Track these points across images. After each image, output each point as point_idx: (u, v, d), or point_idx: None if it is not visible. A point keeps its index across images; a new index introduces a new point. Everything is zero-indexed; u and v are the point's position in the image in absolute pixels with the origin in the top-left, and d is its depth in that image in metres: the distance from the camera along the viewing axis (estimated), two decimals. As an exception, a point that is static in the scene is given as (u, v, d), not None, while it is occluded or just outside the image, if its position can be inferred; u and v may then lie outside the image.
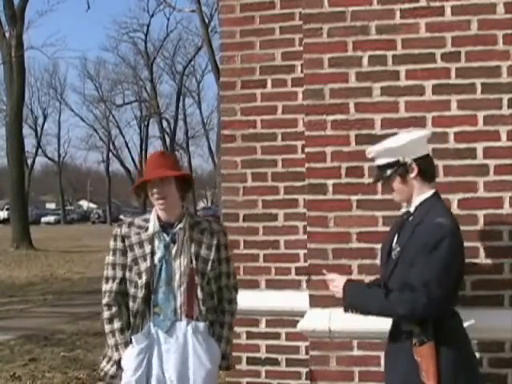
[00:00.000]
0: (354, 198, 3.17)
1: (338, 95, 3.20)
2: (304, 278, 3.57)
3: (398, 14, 3.15)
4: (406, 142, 2.53)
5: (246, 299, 3.68)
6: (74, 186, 63.46)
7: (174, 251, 2.88)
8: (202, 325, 2.88)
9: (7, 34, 24.02)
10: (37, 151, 51.64)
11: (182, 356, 2.84)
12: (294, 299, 3.57)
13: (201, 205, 65.90)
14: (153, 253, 2.89)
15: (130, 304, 2.90)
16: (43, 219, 55.92)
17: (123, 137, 51.83)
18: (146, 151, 49.02)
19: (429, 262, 2.36)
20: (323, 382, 3.16)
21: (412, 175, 2.52)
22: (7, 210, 43.66)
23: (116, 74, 48.71)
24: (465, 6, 3.10)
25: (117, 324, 2.91)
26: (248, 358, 3.72)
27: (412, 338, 2.43)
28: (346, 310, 2.56)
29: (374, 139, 3.13)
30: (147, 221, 2.96)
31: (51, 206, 70.49)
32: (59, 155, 55.06)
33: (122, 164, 51.91)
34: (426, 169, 2.55)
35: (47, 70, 67.17)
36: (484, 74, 3.08)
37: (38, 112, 52.33)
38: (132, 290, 2.90)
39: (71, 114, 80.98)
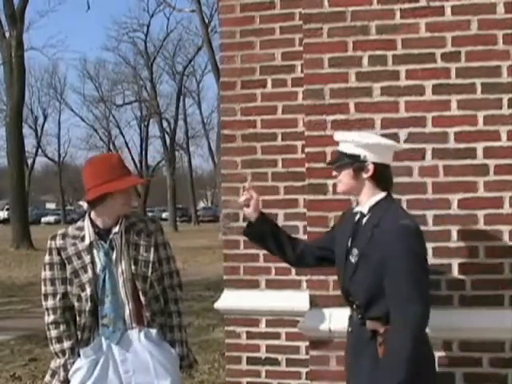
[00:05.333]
0: (353, 197, 3.17)
1: (338, 95, 3.20)
2: (304, 277, 3.57)
3: (398, 13, 3.15)
4: (374, 143, 2.52)
5: (246, 299, 3.69)
6: (74, 186, 63.34)
7: (113, 258, 2.79)
8: (153, 331, 2.83)
9: (7, 35, 24.03)
10: (37, 151, 51.63)
11: (141, 364, 2.78)
12: (294, 299, 3.57)
13: (201, 205, 65.94)
14: (93, 262, 2.80)
15: (77, 318, 2.81)
16: (43, 219, 55.90)
17: (123, 137, 51.56)
18: (146, 151, 49.05)
19: (407, 269, 2.33)
20: (323, 381, 3.16)
21: (365, 175, 2.51)
22: (7, 210, 43.68)
23: (116, 73, 48.62)
24: (465, 5, 3.10)
25: (67, 343, 2.81)
26: (248, 358, 3.71)
27: (377, 338, 2.43)
28: None
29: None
30: (81, 229, 2.86)
31: (51, 205, 70.46)
32: (59, 155, 55.03)
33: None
34: (381, 176, 2.52)
35: (47, 70, 66.97)
36: (484, 73, 3.08)
37: (38, 112, 52.30)
38: (76, 304, 2.80)
39: (71, 114, 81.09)
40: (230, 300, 3.72)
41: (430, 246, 3.08)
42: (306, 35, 3.25)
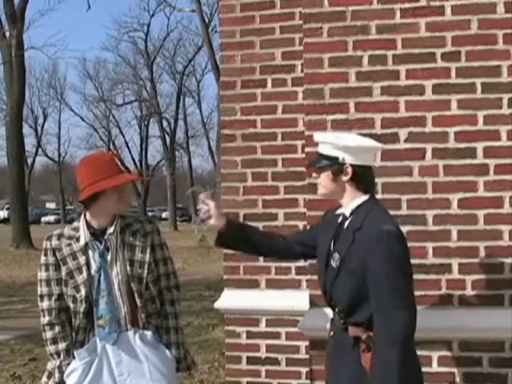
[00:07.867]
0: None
1: (338, 95, 3.20)
2: (304, 277, 3.57)
3: (398, 13, 3.15)
4: (352, 145, 2.44)
5: (246, 299, 3.69)
6: (74, 185, 63.21)
7: (109, 259, 2.77)
8: (149, 333, 2.80)
9: (7, 34, 24.03)
10: (37, 151, 51.64)
11: (136, 366, 2.75)
12: (294, 299, 3.57)
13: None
14: (88, 263, 2.77)
15: (72, 320, 2.79)
16: (43, 219, 55.90)
17: (123, 136, 51.50)
18: (146, 151, 49.02)
19: (387, 273, 2.27)
20: (323, 381, 3.16)
21: (345, 178, 2.44)
22: (7, 209, 43.67)
23: (116, 73, 48.62)
24: (465, 5, 3.10)
25: (62, 345, 2.79)
26: (248, 358, 3.72)
27: (359, 344, 2.37)
28: None
29: (374, 139, 3.14)
30: (77, 230, 2.84)
31: (51, 205, 70.42)
32: (59, 155, 55.02)
33: (123, 163, 51.34)
34: (362, 179, 2.45)
35: (47, 70, 67.06)
36: (484, 73, 3.08)
37: (39, 112, 52.26)
38: (71, 305, 2.78)
39: (71, 114, 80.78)
40: (230, 299, 3.72)
41: (430, 245, 3.09)
42: (306, 35, 3.24)
